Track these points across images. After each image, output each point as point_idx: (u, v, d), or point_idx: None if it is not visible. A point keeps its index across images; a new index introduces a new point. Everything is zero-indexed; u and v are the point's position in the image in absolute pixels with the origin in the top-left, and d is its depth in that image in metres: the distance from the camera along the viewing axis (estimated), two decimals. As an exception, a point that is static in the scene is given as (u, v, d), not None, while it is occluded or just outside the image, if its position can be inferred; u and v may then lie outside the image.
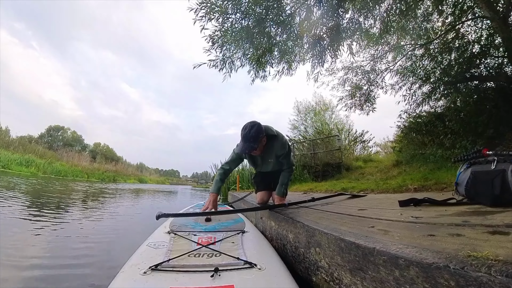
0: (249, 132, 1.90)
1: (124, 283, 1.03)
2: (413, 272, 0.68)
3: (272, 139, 2.10)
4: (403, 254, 0.72)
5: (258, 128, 1.93)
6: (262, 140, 1.98)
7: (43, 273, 1.58)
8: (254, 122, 1.97)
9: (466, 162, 1.67)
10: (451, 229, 0.96)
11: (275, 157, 2.20)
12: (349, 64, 7.31)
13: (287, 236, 1.60)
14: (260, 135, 1.93)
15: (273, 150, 2.14)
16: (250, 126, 1.92)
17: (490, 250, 0.65)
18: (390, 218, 1.34)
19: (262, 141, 1.99)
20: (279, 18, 5.24)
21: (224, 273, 1.09)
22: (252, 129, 1.90)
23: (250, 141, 1.91)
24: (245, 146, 1.93)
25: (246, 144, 1.92)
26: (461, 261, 0.61)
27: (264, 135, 1.99)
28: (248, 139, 1.90)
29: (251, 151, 1.96)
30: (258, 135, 1.92)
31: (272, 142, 2.10)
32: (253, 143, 1.91)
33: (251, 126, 1.92)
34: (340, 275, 0.99)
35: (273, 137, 2.10)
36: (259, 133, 1.92)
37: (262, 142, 2.00)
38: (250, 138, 1.90)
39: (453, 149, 4.60)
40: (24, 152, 19.11)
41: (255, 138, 1.90)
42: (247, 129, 1.91)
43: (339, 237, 1.01)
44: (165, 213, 1.61)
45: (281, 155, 2.18)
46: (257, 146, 1.93)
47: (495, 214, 1.15)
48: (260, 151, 2.06)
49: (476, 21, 5.72)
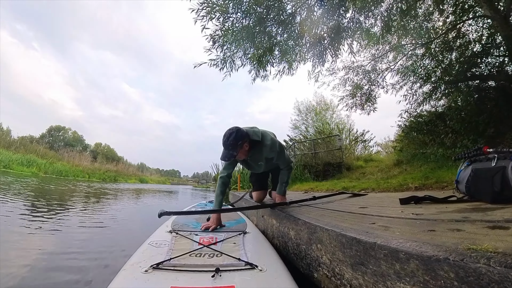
0: (227, 140, 1.87)
1: (125, 281, 1.04)
2: (413, 265, 0.69)
3: (257, 144, 2.05)
4: (403, 248, 0.73)
5: (236, 135, 1.88)
6: (243, 146, 1.93)
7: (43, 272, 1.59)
8: (233, 129, 1.92)
9: (467, 160, 1.68)
10: (451, 225, 0.97)
11: (265, 159, 2.16)
12: (350, 63, 7.33)
13: (289, 233, 1.61)
14: (238, 142, 1.88)
15: (261, 153, 2.10)
16: (229, 134, 1.88)
17: (489, 243, 0.66)
18: (390, 215, 1.35)
19: (244, 147, 1.95)
20: (280, 17, 5.26)
21: (225, 273, 1.09)
22: (230, 136, 1.87)
23: (229, 148, 1.88)
24: (224, 154, 1.91)
25: (225, 151, 1.90)
26: (461, 253, 0.62)
27: (245, 140, 1.94)
28: (227, 147, 1.88)
29: (230, 158, 1.93)
30: (237, 142, 1.88)
31: (259, 146, 2.06)
32: (232, 151, 1.88)
33: (229, 134, 1.88)
34: (341, 270, 1.00)
35: (258, 142, 2.05)
36: (237, 140, 1.88)
37: (244, 148, 1.96)
38: (228, 146, 1.87)
39: (454, 148, 4.60)
40: (25, 152, 19.15)
41: (233, 146, 1.87)
42: (226, 137, 1.88)
43: (341, 233, 1.02)
44: (167, 211, 1.62)
45: (271, 158, 2.14)
46: (236, 154, 1.89)
47: (495, 211, 1.16)
48: (244, 155, 2.02)
49: (477, 20, 5.71)
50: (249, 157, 2.12)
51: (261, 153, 2.09)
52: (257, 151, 2.08)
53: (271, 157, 2.13)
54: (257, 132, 2.07)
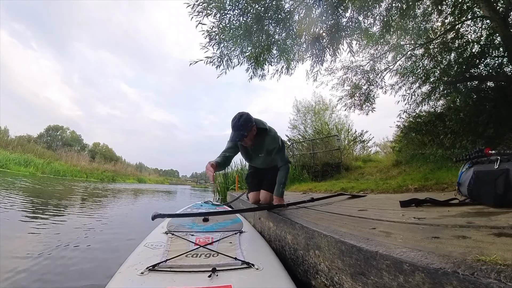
0: (238, 121, 1.97)
1: (121, 283, 1.03)
2: (418, 278, 0.64)
3: (263, 133, 2.14)
4: (407, 259, 0.69)
5: (246, 117, 2.00)
6: (252, 129, 2.03)
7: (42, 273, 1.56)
8: (242, 112, 2.04)
9: (468, 162, 1.65)
10: (456, 231, 0.93)
11: (266, 151, 2.22)
12: (349, 63, 7.30)
13: (286, 237, 1.56)
14: (248, 123, 1.99)
15: (264, 144, 2.18)
16: (239, 116, 2.00)
17: (497, 254, 0.62)
18: (391, 219, 1.31)
19: (252, 129, 2.05)
20: (278, 16, 5.21)
21: (221, 273, 1.09)
22: (241, 118, 1.98)
23: (239, 129, 1.97)
24: (235, 135, 2.00)
25: (236, 133, 1.99)
26: (470, 266, 0.57)
27: (253, 124, 2.05)
28: (238, 128, 1.97)
29: (242, 138, 2.00)
30: (247, 123, 1.98)
31: (263, 135, 2.15)
32: (243, 131, 1.97)
33: (240, 116, 2.00)
34: (340, 280, 0.95)
35: (263, 131, 2.14)
36: (247, 122, 1.99)
37: (252, 131, 2.06)
38: (239, 127, 1.97)
39: (453, 149, 4.58)
40: (23, 152, 19.00)
41: (244, 126, 1.97)
42: (236, 119, 1.99)
43: (340, 240, 0.97)
44: (161, 213, 1.57)
45: (272, 149, 2.20)
46: (247, 134, 1.99)
47: (499, 215, 1.12)
48: (250, 140, 2.11)
49: (476, 21, 5.70)
50: (253, 146, 2.20)
51: (263, 143, 2.18)
52: (261, 140, 2.16)
53: (272, 148, 2.19)
54: (263, 122, 2.18)
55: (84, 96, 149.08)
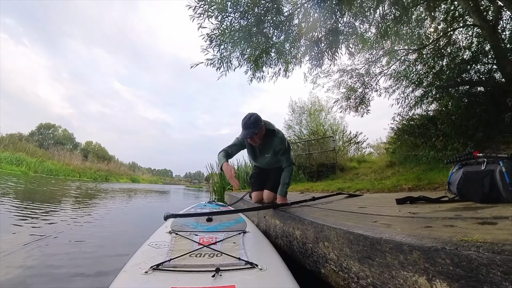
0: (248, 120, 2.13)
1: (125, 282, 1.04)
2: (415, 255, 0.80)
3: (271, 134, 2.29)
4: (406, 241, 0.85)
5: (256, 116, 2.17)
6: (261, 128, 2.18)
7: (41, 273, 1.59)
8: (253, 112, 2.21)
9: (458, 163, 1.82)
10: (445, 222, 1.09)
11: (273, 152, 2.37)
12: (345, 66, 7.51)
13: (294, 233, 1.71)
14: (258, 122, 2.15)
15: (271, 144, 2.33)
16: (250, 115, 2.17)
17: (479, 236, 0.77)
18: (389, 214, 1.47)
19: (262, 128, 2.20)
20: (277, 19, 5.34)
21: (225, 273, 1.10)
22: (251, 117, 2.15)
23: (250, 127, 2.12)
24: (246, 132, 2.13)
25: (247, 130, 2.13)
26: (455, 244, 0.73)
27: (262, 124, 2.21)
28: (249, 126, 2.12)
29: (252, 136, 2.14)
30: (257, 122, 2.14)
31: (272, 136, 2.30)
32: (254, 128, 2.11)
33: (250, 115, 2.17)
34: (349, 265, 1.10)
35: (272, 132, 2.29)
36: (257, 121, 2.15)
37: (261, 131, 2.21)
38: (250, 125, 2.12)
39: (444, 151, 4.78)
40: (14, 150, 18.70)
41: (254, 124, 2.12)
42: (247, 118, 2.15)
43: (348, 231, 1.12)
44: (172, 213, 1.66)
45: (279, 150, 2.34)
46: (257, 131, 2.13)
47: (485, 209, 1.29)
48: (259, 139, 2.25)
49: (467, 29, 5.97)
50: (261, 146, 2.35)
51: (271, 144, 2.32)
52: (269, 140, 2.32)
53: (279, 149, 2.34)
54: (272, 124, 2.34)
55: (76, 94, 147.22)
